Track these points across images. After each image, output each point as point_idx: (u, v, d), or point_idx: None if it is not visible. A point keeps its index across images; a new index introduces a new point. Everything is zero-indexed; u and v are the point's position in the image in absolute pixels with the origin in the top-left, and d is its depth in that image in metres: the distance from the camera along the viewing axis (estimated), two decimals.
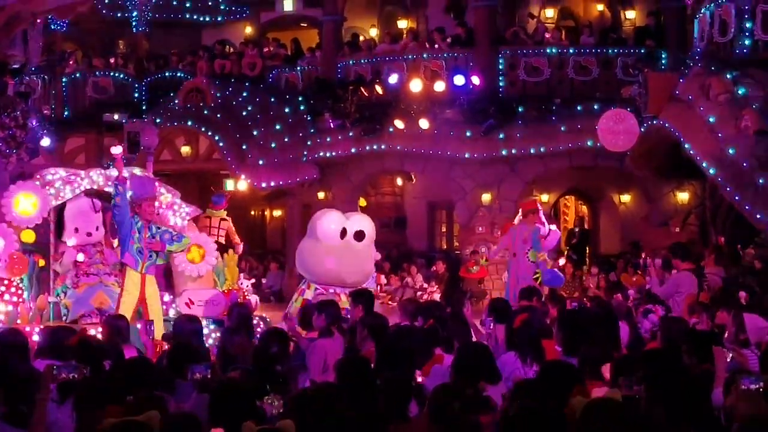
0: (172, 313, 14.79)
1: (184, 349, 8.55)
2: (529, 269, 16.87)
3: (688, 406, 6.45)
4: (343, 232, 14.42)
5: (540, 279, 16.84)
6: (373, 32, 30.27)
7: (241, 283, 16.01)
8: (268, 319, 15.49)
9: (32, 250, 14.38)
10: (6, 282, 13.77)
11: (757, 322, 10.66)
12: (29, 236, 14.23)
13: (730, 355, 9.19)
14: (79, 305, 14.31)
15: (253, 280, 18.24)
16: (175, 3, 31.59)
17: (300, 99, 27.13)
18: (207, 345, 11.57)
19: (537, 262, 16.90)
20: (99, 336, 10.34)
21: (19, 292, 13.94)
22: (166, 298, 15.12)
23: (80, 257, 14.65)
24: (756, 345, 9.92)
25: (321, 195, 26.58)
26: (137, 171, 14.96)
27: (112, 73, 29.68)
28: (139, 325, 10.99)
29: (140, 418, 6.14)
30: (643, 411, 6.53)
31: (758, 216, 15.95)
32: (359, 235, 14.48)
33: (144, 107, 28.40)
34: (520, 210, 17.95)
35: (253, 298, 15.91)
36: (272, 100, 27.18)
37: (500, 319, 10.26)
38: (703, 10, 19.33)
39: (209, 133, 25.26)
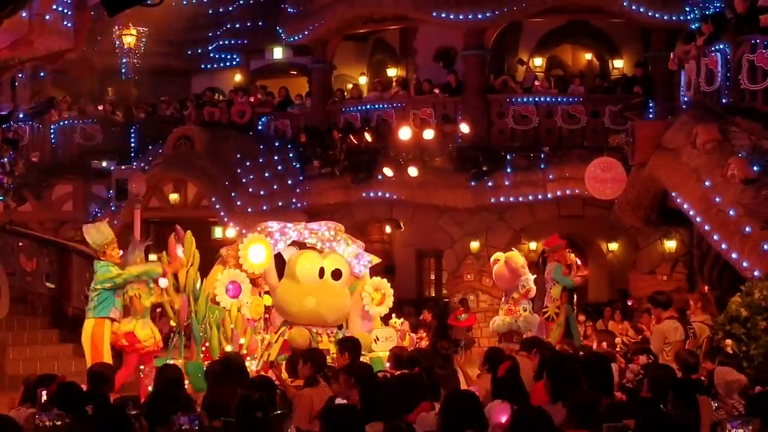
0: None
1: (164, 397, 8.44)
2: None
3: None
4: (321, 272, 14.38)
5: (549, 315, 17.21)
6: (363, 80, 30.38)
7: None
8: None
9: None
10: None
11: (727, 375, 10.53)
12: None
13: (716, 404, 9.15)
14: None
15: (403, 320, 18.38)
16: (164, 50, 31.71)
17: (289, 146, 27.19)
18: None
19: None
20: None
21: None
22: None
23: None
24: (741, 395, 9.87)
25: None
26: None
27: (100, 120, 29.71)
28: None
29: None
30: None
31: (744, 264, 15.96)
32: (336, 275, 14.45)
33: (132, 154, 28.43)
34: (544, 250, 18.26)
35: (409, 337, 16.31)
36: (261, 147, 27.23)
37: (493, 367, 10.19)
38: (690, 60, 19.44)
39: (198, 181, 25.27)
